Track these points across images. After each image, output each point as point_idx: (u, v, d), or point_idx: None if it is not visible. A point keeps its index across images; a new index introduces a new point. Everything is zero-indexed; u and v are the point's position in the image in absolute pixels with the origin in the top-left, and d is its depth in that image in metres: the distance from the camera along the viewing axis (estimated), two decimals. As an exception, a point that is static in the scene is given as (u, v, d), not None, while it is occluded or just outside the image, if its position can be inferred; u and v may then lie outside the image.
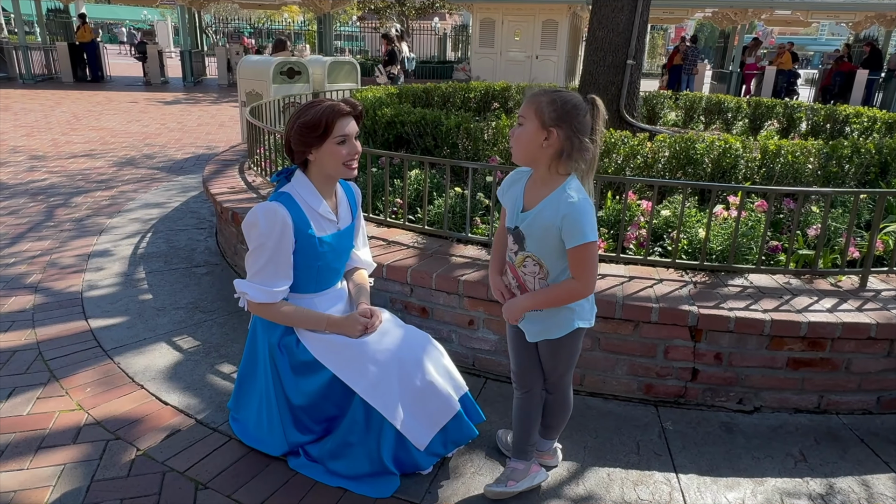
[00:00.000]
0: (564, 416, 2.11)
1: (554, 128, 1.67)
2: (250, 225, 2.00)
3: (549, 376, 2.01)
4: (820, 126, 5.59)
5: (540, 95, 1.70)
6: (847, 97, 14.72)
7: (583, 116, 1.68)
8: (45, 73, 16.97)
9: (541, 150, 1.70)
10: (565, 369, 2.00)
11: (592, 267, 1.73)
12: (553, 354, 1.95)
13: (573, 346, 1.94)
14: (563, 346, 1.92)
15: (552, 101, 1.67)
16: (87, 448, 2.20)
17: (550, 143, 1.68)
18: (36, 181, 6.12)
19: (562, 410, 2.09)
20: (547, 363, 1.98)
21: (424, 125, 4.15)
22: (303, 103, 2.07)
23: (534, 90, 1.74)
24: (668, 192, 3.49)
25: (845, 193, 3.31)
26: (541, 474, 2.10)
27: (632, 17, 4.38)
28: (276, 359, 2.10)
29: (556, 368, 1.99)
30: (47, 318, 3.19)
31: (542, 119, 1.67)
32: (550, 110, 1.66)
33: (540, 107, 1.68)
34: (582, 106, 1.68)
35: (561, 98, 1.68)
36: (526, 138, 1.70)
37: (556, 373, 2.00)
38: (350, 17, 29.95)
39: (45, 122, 9.89)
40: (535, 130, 1.68)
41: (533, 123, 1.69)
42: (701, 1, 15.89)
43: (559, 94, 1.70)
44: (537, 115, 1.68)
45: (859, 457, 2.31)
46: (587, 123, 1.69)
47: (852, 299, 2.61)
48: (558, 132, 1.67)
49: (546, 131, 1.67)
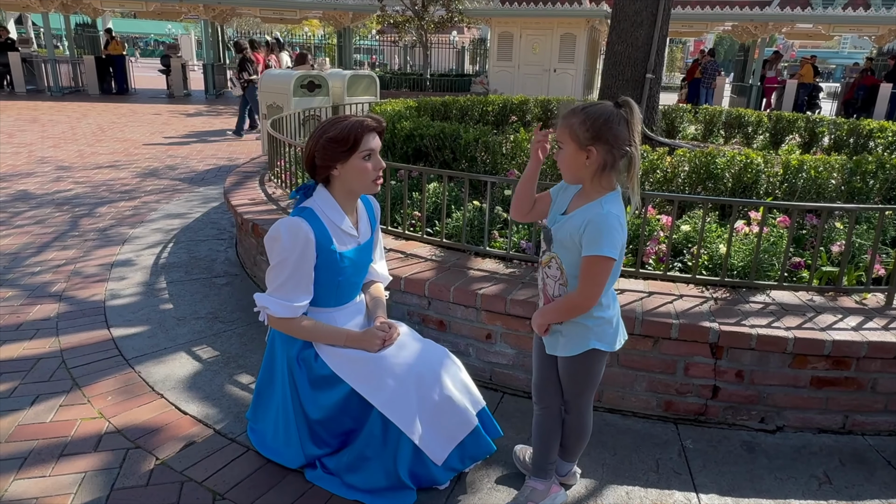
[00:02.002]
0: (579, 439, 2.05)
1: (592, 146, 1.69)
2: (273, 240, 2.01)
3: (566, 394, 1.99)
4: (843, 140, 5.52)
5: (571, 117, 1.71)
6: (870, 111, 14.52)
7: (616, 127, 1.68)
8: (72, 86, 17.39)
9: (585, 169, 1.73)
10: (581, 390, 1.96)
11: (596, 282, 1.71)
12: (568, 371, 1.93)
13: (590, 367, 1.90)
14: (579, 365, 1.89)
15: (583, 121, 1.68)
16: (107, 456, 2.23)
17: (592, 160, 1.70)
18: (62, 191, 6.25)
19: (577, 433, 2.04)
20: (564, 380, 1.97)
21: (443, 138, 4.17)
22: (325, 119, 2.10)
23: (565, 108, 1.75)
24: (687, 206, 3.46)
25: (870, 210, 3.26)
26: (560, 495, 2.07)
27: (651, 32, 4.39)
28: (294, 372, 2.11)
29: (571, 387, 1.96)
30: (71, 327, 3.24)
31: (578, 140, 1.69)
32: (583, 130, 1.68)
33: (573, 129, 1.69)
34: (613, 116, 1.68)
35: (591, 115, 1.68)
36: (569, 161, 1.74)
37: (571, 391, 1.97)
38: (370, 30, 30.29)
39: (72, 133, 10.11)
40: (575, 152, 1.71)
41: (571, 146, 1.72)
42: (721, 15, 15.81)
43: (588, 111, 1.69)
44: (573, 138, 1.70)
45: (886, 479, 2.25)
46: (623, 132, 1.68)
47: (878, 317, 2.56)
48: (597, 149, 1.69)
49: (585, 151, 1.70)
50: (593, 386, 1.97)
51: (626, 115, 1.68)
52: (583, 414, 2.02)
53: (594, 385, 1.97)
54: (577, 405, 2.00)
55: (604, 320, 1.84)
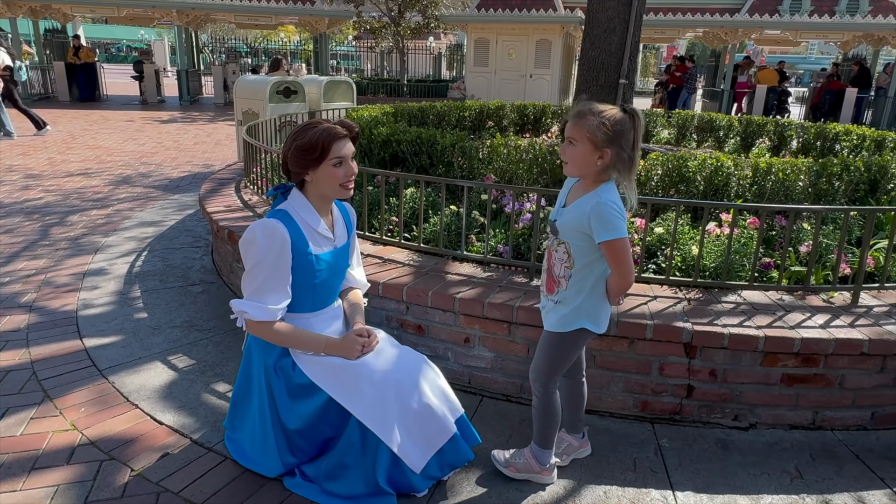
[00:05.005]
0: (542, 419, 2.14)
1: (607, 148, 1.82)
2: (248, 242, 1.99)
3: (535, 369, 2.10)
4: (810, 144, 5.67)
5: (588, 117, 1.82)
6: (837, 115, 14.91)
7: (628, 133, 1.82)
8: (41, 93, 17.03)
9: (594, 167, 1.86)
10: (549, 366, 2.07)
11: (622, 259, 1.87)
12: (549, 343, 2.06)
13: (567, 344, 2.04)
14: (563, 342, 2.03)
15: (601, 123, 1.80)
16: (80, 469, 2.19)
17: (604, 161, 1.85)
18: (31, 200, 6.12)
19: (540, 413, 2.14)
20: (541, 352, 2.09)
21: (420, 144, 4.19)
22: (299, 124, 2.09)
23: (577, 109, 1.87)
24: (661, 209, 3.52)
25: (836, 210, 3.35)
26: (546, 479, 2.19)
27: (624, 38, 4.46)
28: (271, 382, 2.10)
29: (538, 359, 2.09)
30: (41, 338, 3.18)
31: (595, 141, 1.82)
32: (601, 132, 1.80)
33: (591, 129, 1.81)
34: (627, 123, 1.82)
35: (609, 120, 1.81)
36: (581, 158, 1.86)
37: (535, 364, 2.09)
38: (346, 36, 30.25)
39: (42, 140, 9.91)
40: (589, 151, 1.84)
41: (586, 145, 1.84)
42: (692, 21, 16.10)
43: (605, 115, 1.82)
44: (589, 138, 1.82)
45: (854, 473, 2.31)
46: (631, 137, 1.84)
47: (844, 315, 2.64)
48: (611, 151, 1.83)
49: (600, 151, 1.83)
50: (565, 365, 2.09)
51: (635, 122, 1.83)
52: (539, 396, 2.12)
53: (565, 364, 2.09)
54: (545, 384, 2.10)
55: (599, 303, 1.99)
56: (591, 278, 1.96)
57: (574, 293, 1.98)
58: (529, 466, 2.18)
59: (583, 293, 1.98)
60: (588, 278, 1.96)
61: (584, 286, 1.97)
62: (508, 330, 2.67)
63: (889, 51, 17.82)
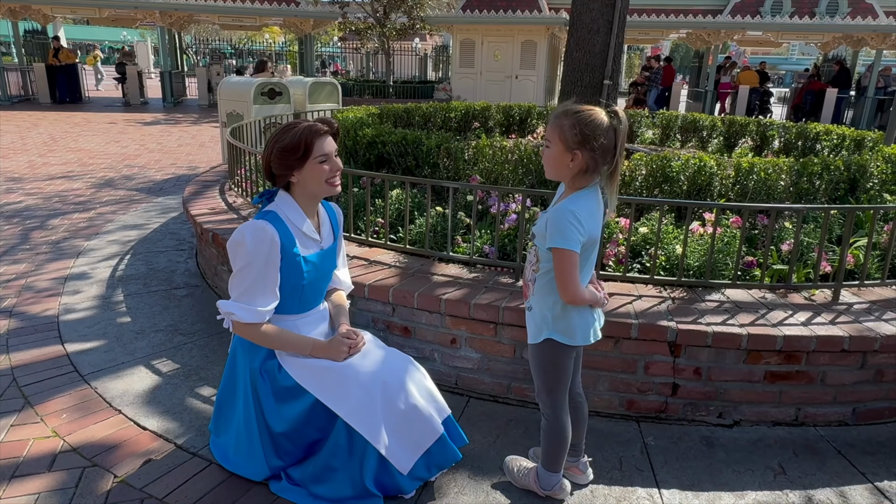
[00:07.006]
0: (547, 441, 2.05)
1: (578, 150, 1.76)
2: (236, 244, 1.98)
3: (535, 388, 2.05)
4: (792, 143, 5.74)
5: (562, 118, 1.77)
6: (818, 115, 15.13)
7: (603, 135, 1.74)
8: (21, 94, 16.79)
9: (568, 169, 1.81)
10: (544, 385, 1.99)
11: (568, 271, 1.79)
12: (531, 360, 2.02)
13: (550, 358, 1.95)
14: (539, 356, 1.97)
15: (573, 124, 1.75)
16: (62, 476, 2.16)
17: (576, 163, 1.78)
18: (11, 203, 6.03)
19: (545, 434, 2.05)
20: (531, 370, 2.04)
21: (405, 145, 4.18)
22: (278, 127, 2.08)
23: (557, 109, 1.82)
24: (645, 209, 3.55)
25: (816, 209, 3.39)
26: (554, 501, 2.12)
27: (607, 39, 4.49)
28: (257, 385, 2.08)
29: (535, 379, 2.03)
30: (22, 343, 3.13)
31: (566, 142, 1.76)
32: (572, 134, 1.75)
33: (563, 130, 1.76)
34: (602, 125, 1.74)
35: (582, 121, 1.74)
36: (553, 160, 1.81)
37: (537, 385, 2.03)
38: (331, 37, 30.14)
39: (22, 143, 9.76)
40: (561, 153, 1.78)
41: (558, 146, 1.78)
42: (675, 23, 16.27)
43: (580, 116, 1.75)
44: (561, 139, 1.77)
45: (837, 468, 2.34)
46: (609, 141, 1.76)
47: (825, 313, 2.67)
48: (582, 154, 1.76)
49: (571, 153, 1.77)
50: (557, 381, 1.97)
51: (615, 125, 1.76)
52: (547, 414, 2.03)
53: (557, 380, 1.97)
54: (543, 403, 2.03)
55: (563, 313, 1.89)
56: (553, 284, 1.86)
57: (539, 298, 1.93)
58: (533, 489, 2.12)
59: (547, 301, 1.90)
60: (551, 283, 1.87)
61: (547, 291, 1.89)
62: (495, 331, 2.67)
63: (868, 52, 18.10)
